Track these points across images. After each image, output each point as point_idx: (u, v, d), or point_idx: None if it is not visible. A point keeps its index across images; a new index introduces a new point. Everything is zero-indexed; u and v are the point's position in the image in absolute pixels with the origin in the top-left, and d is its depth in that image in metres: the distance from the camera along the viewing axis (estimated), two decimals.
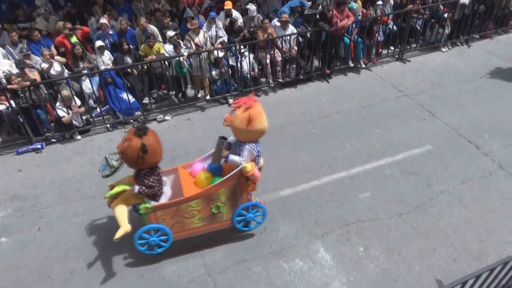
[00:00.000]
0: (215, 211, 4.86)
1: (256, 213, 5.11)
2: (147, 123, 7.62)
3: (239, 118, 4.49)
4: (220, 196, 4.79)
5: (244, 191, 4.90)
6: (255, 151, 4.69)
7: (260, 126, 4.59)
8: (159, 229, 4.71)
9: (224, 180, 4.70)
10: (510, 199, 5.74)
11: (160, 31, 8.10)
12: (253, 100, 4.57)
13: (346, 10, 8.03)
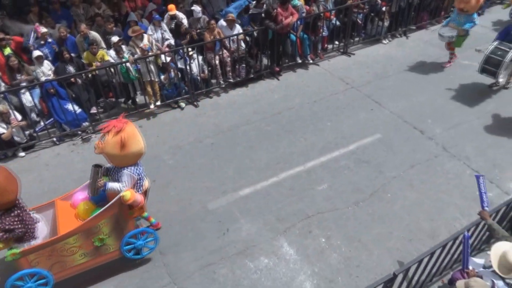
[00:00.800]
0: (98, 245, 4.52)
1: (147, 239, 4.85)
2: (96, 133, 7.33)
3: (110, 144, 4.21)
4: (101, 228, 4.46)
5: (128, 219, 4.64)
6: (136, 174, 4.43)
7: (136, 148, 4.35)
8: (35, 273, 4.27)
9: (102, 212, 4.37)
10: (454, 179, 6.13)
11: (103, 37, 7.81)
12: (123, 122, 4.32)
13: (290, 8, 8.17)
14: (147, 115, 7.78)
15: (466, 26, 8.10)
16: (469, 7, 7.87)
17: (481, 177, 4.51)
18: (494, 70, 7.28)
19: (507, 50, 7.16)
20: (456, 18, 8.22)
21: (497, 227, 4.10)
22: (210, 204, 5.83)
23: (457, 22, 8.20)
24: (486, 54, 7.31)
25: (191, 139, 7.12)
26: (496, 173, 6.20)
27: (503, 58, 7.14)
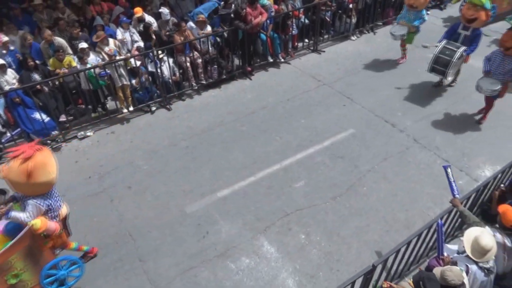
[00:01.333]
0: (14, 281, 4.11)
1: (71, 268, 4.54)
2: (67, 142, 7.14)
3: (15, 171, 3.84)
4: (14, 263, 4.02)
5: (44, 249, 4.26)
6: (44, 205, 4.10)
7: (44, 179, 3.99)
8: None
9: (11, 246, 3.94)
10: (426, 169, 6.31)
11: (69, 43, 7.60)
12: (35, 149, 3.97)
13: (259, 7, 8.19)
14: (120, 121, 7.63)
15: (415, 22, 8.23)
16: (418, 3, 8.02)
17: (448, 167, 4.64)
18: (443, 70, 7.27)
19: (455, 50, 7.15)
20: (406, 15, 8.36)
21: (468, 213, 4.25)
22: (188, 208, 5.78)
23: (407, 19, 8.32)
24: (435, 54, 7.28)
25: (166, 143, 7.03)
26: (465, 161, 6.42)
27: (451, 58, 7.10)
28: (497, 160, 6.34)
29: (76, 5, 8.49)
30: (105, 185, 6.22)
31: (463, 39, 7.30)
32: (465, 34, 7.26)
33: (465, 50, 7.17)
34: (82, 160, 6.75)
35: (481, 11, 6.93)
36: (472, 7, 6.98)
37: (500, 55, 6.54)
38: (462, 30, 7.30)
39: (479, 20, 7.00)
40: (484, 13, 6.95)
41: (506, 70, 6.48)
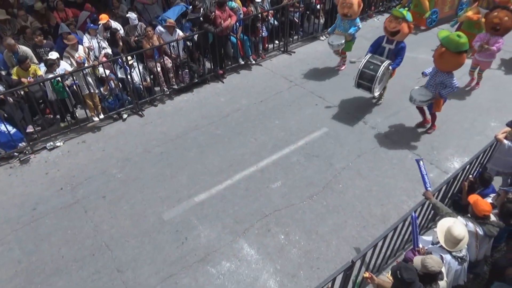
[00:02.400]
0: None
1: None
2: (35, 153, 6.90)
3: None
4: None
5: None
6: None
7: None
8: None
9: None
10: (398, 164, 6.48)
11: (33, 51, 7.35)
12: None
13: (228, 10, 8.19)
14: (90, 129, 7.44)
15: (350, 30, 8.17)
16: (352, 11, 7.95)
17: (420, 160, 4.79)
18: (369, 85, 7.05)
19: (379, 64, 6.92)
20: (340, 24, 8.28)
21: (440, 205, 4.40)
22: (165, 214, 5.71)
23: (342, 28, 8.24)
24: (360, 68, 7.05)
25: (139, 150, 6.92)
26: (435, 154, 6.64)
27: (376, 73, 6.87)
28: (464, 152, 6.59)
29: (39, 12, 8.22)
30: (78, 196, 6.06)
31: (388, 52, 7.15)
32: (390, 48, 7.11)
33: (390, 64, 7.03)
34: (53, 171, 6.54)
35: (403, 23, 6.80)
36: (394, 20, 6.86)
37: (435, 68, 6.54)
38: (386, 43, 7.15)
39: (402, 32, 6.86)
40: (406, 25, 6.84)
41: (437, 83, 6.41)
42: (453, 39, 6.02)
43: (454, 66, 6.27)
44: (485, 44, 7.41)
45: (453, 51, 6.05)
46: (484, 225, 4.18)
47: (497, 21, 7.28)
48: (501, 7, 7.46)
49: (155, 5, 9.19)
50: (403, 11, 6.86)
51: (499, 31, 7.36)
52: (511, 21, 7.27)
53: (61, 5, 8.38)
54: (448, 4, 10.72)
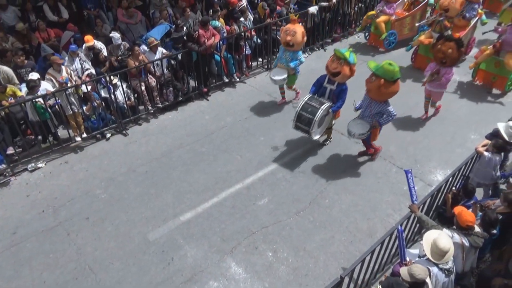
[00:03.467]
0: None
1: None
2: (16, 175, 6.74)
3: None
4: None
5: None
6: None
7: None
8: None
9: None
10: (383, 177, 6.55)
11: (14, 72, 7.26)
12: None
13: (211, 29, 8.28)
14: (73, 150, 7.32)
15: (291, 64, 7.61)
16: (295, 41, 7.37)
17: (409, 172, 4.81)
18: (307, 129, 6.47)
19: (317, 107, 6.36)
20: (282, 56, 7.78)
21: (425, 218, 4.44)
22: (151, 235, 5.61)
23: (284, 61, 7.73)
24: (297, 111, 6.50)
25: (124, 169, 6.83)
26: (418, 167, 6.74)
27: (313, 116, 6.29)
28: (447, 165, 6.71)
29: (21, 33, 8.16)
30: (60, 218, 5.91)
31: (330, 93, 6.60)
32: (331, 88, 6.55)
33: (330, 107, 6.49)
34: (34, 193, 6.39)
35: (345, 66, 6.25)
36: (336, 60, 6.32)
37: (368, 98, 6.28)
38: (327, 83, 6.58)
39: (343, 74, 6.30)
40: (348, 68, 6.28)
41: (373, 113, 6.20)
42: (388, 68, 5.79)
43: (391, 95, 6.04)
44: (434, 73, 7.18)
45: (391, 80, 5.85)
46: (469, 236, 4.22)
47: (441, 55, 7.03)
48: (445, 37, 7.14)
49: (138, 24, 9.22)
50: (346, 51, 6.28)
51: (445, 63, 7.09)
52: (455, 52, 6.95)
53: (43, 25, 8.33)
54: (407, 26, 10.60)
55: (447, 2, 8.68)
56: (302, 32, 7.50)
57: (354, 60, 6.36)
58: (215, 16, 9.05)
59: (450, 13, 8.74)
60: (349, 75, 6.42)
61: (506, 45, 8.14)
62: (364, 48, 10.75)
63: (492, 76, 8.58)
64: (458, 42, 6.93)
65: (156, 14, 9.46)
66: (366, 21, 10.63)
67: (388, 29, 10.25)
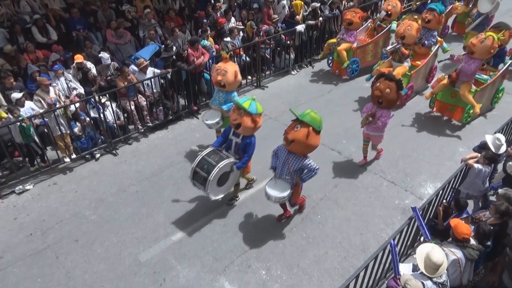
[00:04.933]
0: None
1: None
2: (3, 198, 6.61)
3: None
4: None
5: None
6: None
7: None
8: None
9: None
10: (374, 192, 6.58)
11: (2, 94, 7.20)
12: None
13: (201, 48, 8.36)
14: (62, 170, 7.23)
15: (224, 107, 6.71)
16: (226, 81, 6.44)
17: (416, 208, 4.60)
18: (202, 188, 5.63)
19: (214, 165, 5.47)
20: (216, 97, 6.88)
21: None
22: (142, 255, 5.52)
23: (217, 103, 6.82)
24: (193, 166, 5.64)
25: (114, 189, 6.75)
26: (409, 181, 6.78)
27: (208, 175, 5.44)
28: (436, 178, 6.78)
29: (9, 54, 8.13)
30: (48, 241, 5.79)
31: (235, 146, 5.80)
32: (236, 141, 5.76)
33: (234, 163, 5.66)
34: (22, 216, 6.26)
35: (245, 117, 5.41)
36: (236, 110, 5.56)
37: (285, 151, 5.33)
38: (233, 136, 5.76)
39: (244, 126, 5.46)
40: (250, 119, 5.45)
41: (292, 171, 5.30)
42: (315, 116, 5.15)
43: (314, 148, 5.26)
44: (369, 116, 6.45)
45: (318, 130, 5.17)
46: (465, 249, 4.24)
47: (378, 93, 6.26)
48: (385, 75, 6.37)
49: (127, 44, 9.27)
50: (247, 101, 5.52)
51: (382, 103, 6.32)
52: (393, 93, 6.22)
53: (31, 47, 8.32)
54: (369, 53, 10.37)
55: (402, 29, 8.43)
56: (234, 71, 6.48)
57: (258, 110, 5.54)
58: (204, 36, 9.15)
59: (406, 40, 8.43)
60: (253, 127, 5.55)
61: (462, 75, 7.75)
62: (327, 77, 10.48)
63: (450, 106, 8.27)
64: (398, 83, 6.25)
65: (145, 34, 9.53)
66: (327, 48, 10.30)
67: (350, 57, 9.98)
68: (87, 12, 9.58)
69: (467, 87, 7.74)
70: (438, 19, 9.06)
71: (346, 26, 9.77)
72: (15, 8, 9.08)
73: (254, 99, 5.65)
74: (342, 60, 9.88)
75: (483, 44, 7.39)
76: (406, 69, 8.56)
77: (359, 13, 9.73)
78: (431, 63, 9.45)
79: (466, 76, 7.73)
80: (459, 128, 8.17)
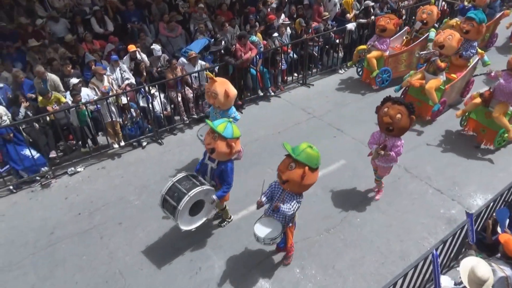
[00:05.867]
0: None
1: None
2: (57, 178, 7.04)
3: None
4: None
5: None
6: None
7: None
8: None
9: None
10: (418, 198, 6.33)
11: (61, 80, 7.66)
12: None
13: (249, 44, 8.41)
14: (111, 156, 7.59)
15: None
16: (219, 103, 6.03)
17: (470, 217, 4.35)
18: (172, 217, 5.12)
19: (185, 192, 4.92)
20: (212, 113, 6.45)
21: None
22: (179, 243, 5.67)
23: (214, 119, 6.04)
24: (162, 194, 5.09)
25: (157, 177, 6.98)
26: (457, 190, 6.47)
27: (178, 204, 4.90)
28: (487, 189, 6.41)
29: (69, 43, 8.62)
30: (95, 222, 6.10)
31: (211, 172, 5.25)
32: (211, 167, 5.22)
33: (210, 191, 5.10)
34: (72, 196, 6.64)
35: (219, 141, 4.86)
36: (210, 133, 4.99)
37: (279, 189, 4.80)
38: (208, 160, 5.24)
39: (218, 152, 4.90)
40: (225, 143, 4.87)
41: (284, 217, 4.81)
42: (311, 153, 4.50)
43: (310, 186, 4.72)
44: (380, 150, 5.54)
45: (315, 168, 4.58)
46: None
47: (388, 120, 5.35)
48: (392, 100, 5.48)
49: (178, 38, 9.52)
50: (222, 124, 4.94)
51: (392, 131, 5.44)
52: (405, 119, 5.33)
53: (89, 37, 8.77)
54: (403, 63, 9.54)
55: (442, 38, 7.64)
56: (223, 91, 5.93)
57: (233, 134, 4.95)
58: (253, 31, 9.19)
59: (445, 51, 7.63)
60: (228, 153, 4.94)
61: (499, 94, 6.81)
62: (356, 85, 9.75)
63: (482, 128, 7.33)
64: (409, 108, 5.33)
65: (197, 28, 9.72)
66: (357, 55, 9.65)
67: (380, 66, 9.20)
68: (142, 5, 9.93)
69: (504, 108, 6.82)
70: (478, 29, 8.15)
71: (379, 33, 9.02)
72: (76, 0, 9.60)
73: (231, 121, 5.10)
74: (371, 68, 9.15)
75: None
76: (440, 83, 7.78)
77: (394, 19, 8.95)
78: (468, 76, 8.55)
79: (504, 95, 6.76)
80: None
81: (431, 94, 7.67)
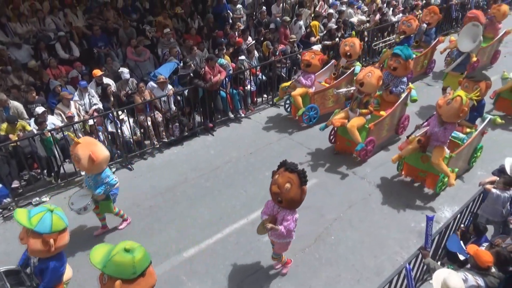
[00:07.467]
0: None
1: None
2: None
3: None
4: None
5: None
6: None
7: None
8: None
9: None
10: (389, 213, 6.46)
11: (25, 107, 7.42)
12: None
13: (217, 66, 8.49)
14: (78, 184, 7.33)
15: (96, 191, 5.50)
16: (83, 168, 5.56)
17: (431, 219, 4.42)
18: None
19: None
20: (86, 179, 5.77)
21: (433, 265, 4.31)
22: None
23: (87, 184, 5.72)
24: None
25: (128, 203, 6.79)
26: (425, 203, 6.64)
27: None
28: (454, 201, 6.63)
29: (33, 69, 8.41)
30: None
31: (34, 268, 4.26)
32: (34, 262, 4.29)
33: None
34: None
35: (31, 238, 3.93)
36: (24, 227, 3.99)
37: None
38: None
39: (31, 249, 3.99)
40: (40, 240, 3.92)
41: None
42: (121, 261, 3.43)
43: None
44: (266, 223, 4.65)
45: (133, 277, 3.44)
46: (486, 277, 4.09)
47: (276, 189, 4.61)
48: (286, 166, 4.68)
49: (146, 62, 9.49)
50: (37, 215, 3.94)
51: (282, 203, 4.64)
52: (296, 190, 4.56)
53: (54, 62, 8.60)
54: (330, 99, 9.18)
55: (362, 75, 7.11)
56: (87, 156, 5.26)
57: (53, 226, 3.94)
58: (221, 54, 9.31)
59: (365, 89, 7.11)
60: (45, 250, 3.97)
61: (434, 139, 6.43)
62: (284, 122, 9.29)
63: (419, 171, 6.93)
64: (301, 176, 4.56)
65: (166, 52, 9.73)
66: (282, 93, 9.16)
67: (306, 103, 8.74)
68: (109, 30, 9.88)
69: (440, 153, 6.36)
70: (405, 65, 7.71)
71: (304, 68, 8.68)
72: (40, 26, 9.44)
73: (52, 210, 4.00)
74: (298, 106, 8.63)
75: (449, 107, 6.00)
76: (363, 121, 7.35)
77: (318, 54, 8.64)
78: (398, 113, 8.07)
79: (439, 140, 6.40)
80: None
81: (353, 133, 7.22)
